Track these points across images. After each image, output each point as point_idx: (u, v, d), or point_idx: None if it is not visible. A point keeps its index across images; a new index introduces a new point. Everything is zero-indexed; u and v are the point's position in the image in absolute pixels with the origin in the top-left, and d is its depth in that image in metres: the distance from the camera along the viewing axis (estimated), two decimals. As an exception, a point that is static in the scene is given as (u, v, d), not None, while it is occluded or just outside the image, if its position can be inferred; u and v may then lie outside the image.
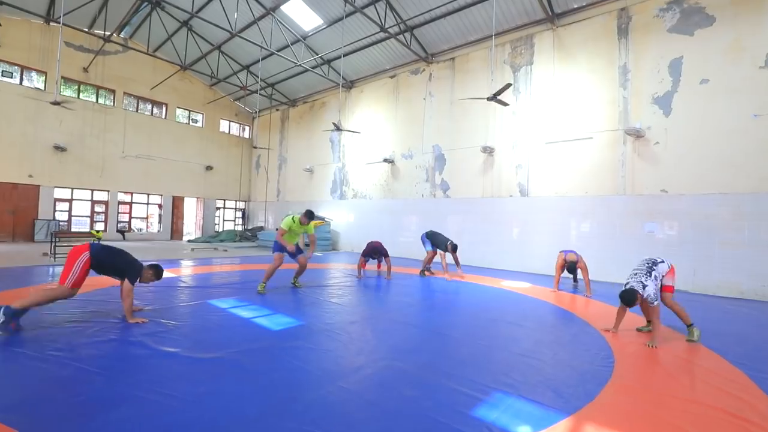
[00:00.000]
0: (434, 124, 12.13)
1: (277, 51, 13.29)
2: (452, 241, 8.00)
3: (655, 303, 3.72)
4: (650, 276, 3.85)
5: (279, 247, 5.75)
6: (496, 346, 3.55)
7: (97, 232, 9.40)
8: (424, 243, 8.35)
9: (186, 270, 7.76)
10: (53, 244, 8.98)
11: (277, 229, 5.92)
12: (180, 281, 6.33)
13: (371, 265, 8.64)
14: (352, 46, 12.81)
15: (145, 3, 13.41)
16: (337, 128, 11.50)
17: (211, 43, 14.96)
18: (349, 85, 14.99)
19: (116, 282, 4.11)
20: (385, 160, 13.23)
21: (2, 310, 3.22)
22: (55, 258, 8.78)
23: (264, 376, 2.66)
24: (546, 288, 7.03)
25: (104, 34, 12.86)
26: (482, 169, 10.85)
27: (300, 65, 13.24)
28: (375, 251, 7.93)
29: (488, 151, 10.54)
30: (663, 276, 3.96)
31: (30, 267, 7.51)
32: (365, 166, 14.29)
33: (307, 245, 6.25)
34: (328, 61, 14.00)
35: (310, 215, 5.78)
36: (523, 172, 10.00)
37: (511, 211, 9.95)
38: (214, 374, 2.67)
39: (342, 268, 8.96)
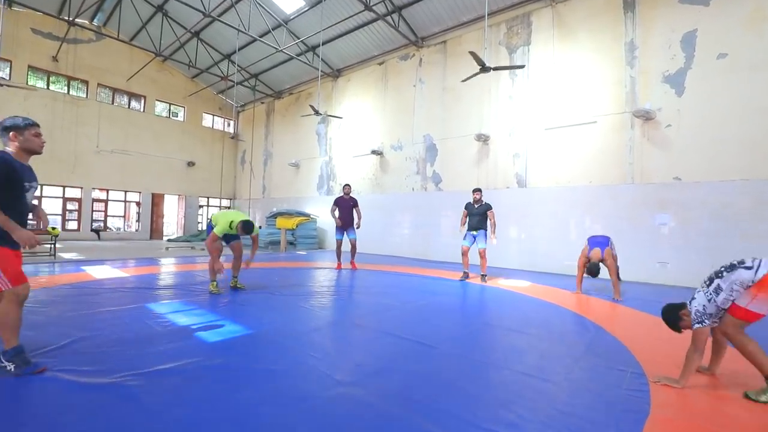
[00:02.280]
0: (425, 113, 11.33)
1: (258, 37, 12.44)
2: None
3: (697, 326, 2.37)
4: (710, 285, 2.41)
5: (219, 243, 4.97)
6: (493, 362, 2.74)
7: (53, 229, 8.49)
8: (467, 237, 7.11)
9: (145, 270, 6.90)
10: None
11: (211, 228, 4.99)
12: (128, 282, 5.48)
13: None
14: (337, 29, 11.99)
15: (116, -15, 12.52)
16: (316, 112, 10.67)
17: (188, 29, 14.05)
18: (336, 74, 14.15)
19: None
20: (374, 152, 12.42)
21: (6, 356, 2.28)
22: (3, 258, 7.87)
23: (156, 418, 1.83)
24: (547, 287, 6.24)
25: (69, 18, 11.93)
26: (477, 159, 10.06)
27: (282, 51, 12.40)
28: (346, 215, 7.61)
29: (483, 139, 9.75)
30: (741, 289, 2.27)
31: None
32: (353, 160, 13.47)
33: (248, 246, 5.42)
34: (313, 48, 13.16)
35: (247, 228, 4.81)
36: (521, 162, 9.21)
37: (508, 204, 9.15)
38: (86, 411, 1.84)
39: (324, 267, 8.13)
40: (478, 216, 6.81)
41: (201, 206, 18.99)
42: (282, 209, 14.78)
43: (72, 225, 14.90)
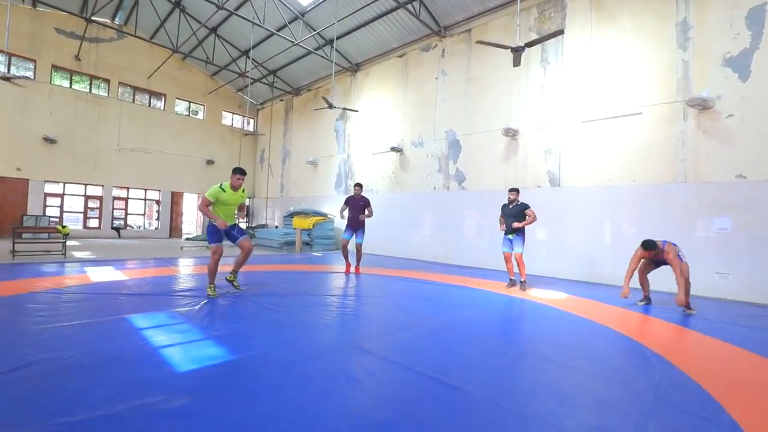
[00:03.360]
0: (448, 107, 10.61)
1: (275, 30, 12.04)
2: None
3: None
4: None
5: (215, 237, 4.64)
6: (535, 416, 2.07)
7: (63, 227, 8.32)
8: None
9: (147, 272, 6.53)
10: (14, 241, 7.94)
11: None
12: (124, 286, 5.08)
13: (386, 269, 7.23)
14: (355, 20, 11.44)
15: (134, -19, 12.41)
16: (330, 105, 10.15)
17: (205, 25, 13.83)
18: (354, 68, 13.61)
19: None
20: (393, 149, 11.80)
21: None
22: (13, 256, 7.73)
23: None
24: (588, 301, 5.46)
25: (87, 16, 11.87)
26: (504, 156, 9.27)
27: (299, 45, 11.95)
28: (355, 215, 7.07)
29: (511, 134, 8.96)
30: None
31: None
32: (371, 157, 12.89)
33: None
34: (330, 41, 12.65)
35: (240, 170, 4.72)
36: (554, 158, 8.38)
37: (539, 205, 8.22)
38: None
39: (335, 271, 7.58)
40: (512, 218, 6.10)
41: (220, 205, 18.85)
42: (299, 209, 14.38)
43: (93, 223, 15.00)
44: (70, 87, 14.45)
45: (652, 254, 4.96)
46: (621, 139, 7.46)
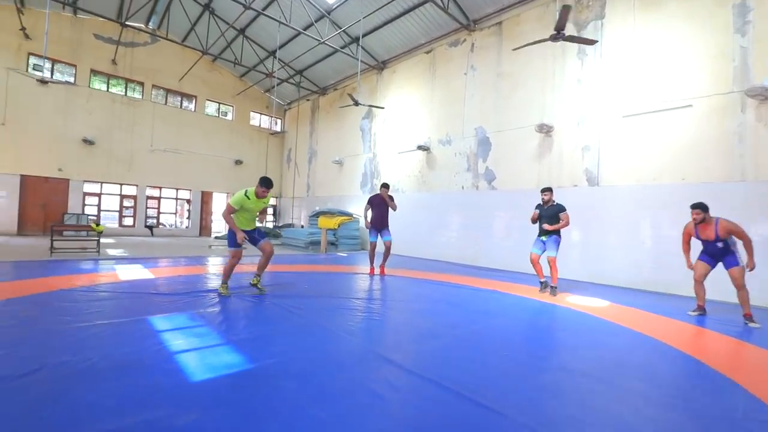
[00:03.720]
0: (477, 103, 10.22)
1: (301, 30, 12.01)
2: None
3: None
4: None
5: (236, 241, 4.60)
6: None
7: (97, 225, 8.58)
8: None
9: (175, 271, 6.57)
10: (52, 239, 8.23)
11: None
12: (149, 285, 5.08)
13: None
14: (381, 16, 11.24)
15: (166, -15, 12.72)
16: (356, 103, 9.98)
17: (234, 26, 14.03)
18: (381, 66, 13.41)
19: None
20: (420, 148, 11.51)
21: None
22: (51, 253, 8.01)
23: None
24: (633, 310, 5.01)
25: (122, 20, 12.25)
26: (537, 154, 8.81)
27: (325, 43, 11.86)
28: (380, 215, 6.95)
29: (545, 130, 8.49)
30: None
31: (26, 261, 6.65)
32: (398, 156, 12.65)
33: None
34: (356, 39, 12.50)
35: (267, 182, 4.62)
36: (592, 155, 7.87)
37: (575, 205, 7.76)
38: None
39: (360, 272, 7.40)
40: (547, 219, 5.72)
41: (248, 204, 19.14)
42: (324, 208, 14.35)
43: (128, 221, 15.53)
44: (107, 90, 15.02)
45: (700, 217, 4.54)
46: (668, 134, 6.89)
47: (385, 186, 7.10)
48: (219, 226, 19.61)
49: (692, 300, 5.64)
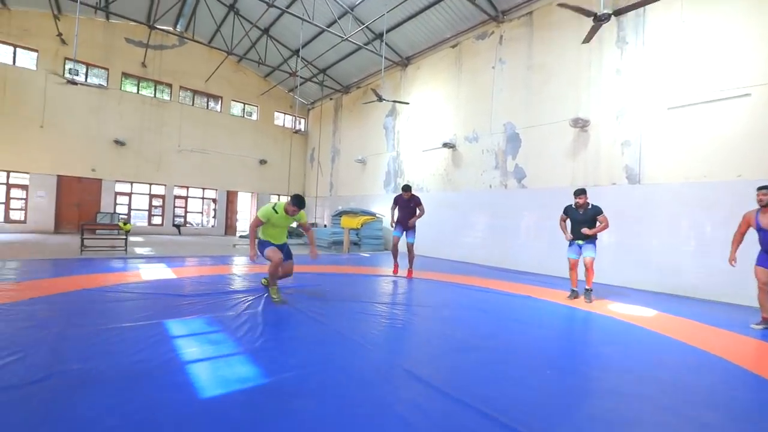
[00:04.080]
0: (505, 98, 9.77)
1: (324, 27, 11.88)
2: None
3: None
4: None
5: (265, 246, 4.42)
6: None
7: (125, 224, 8.71)
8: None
9: (197, 270, 6.52)
10: (82, 237, 8.40)
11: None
12: (170, 286, 5.00)
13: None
14: (406, 10, 10.94)
15: (192, -13, 12.88)
16: (379, 98, 9.72)
17: (258, 26, 14.08)
18: (405, 62, 13.11)
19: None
20: (445, 145, 11.15)
21: None
22: (81, 251, 8.17)
23: None
24: (686, 321, 4.53)
25: (151, 23, 12.48)
26: (571, 150, 8.30)
27: (348, 40, 11.66)
28: (406, 215, 6.71)
29: (581, 125, 7.98)
30: None
31: (56, 259, 6.78)
32: (422, 154, 12.33)
33: (305, 244, 4.81)
34: (380, 35, 12.25)
35: (299, 201, 4.22)
36: (633, 151, 7.31)
37: (614, 205, 7.24)
38: None
39: (383, 274, 7.14)
40: (584, 224, 5.28)
41: (272, 204, 19.27)
42: (347, 208, 14.19)
43: (156, 220, 15.89)
44: (137, 92, 15.39)
45: (766, 198, 4.02)
46: (721, 127, 6.28)
47: (406, 189, 6.75)
48: (244, 225, 19.86)
49: (749, 309, 5.12)
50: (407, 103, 11.45)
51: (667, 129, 6.88)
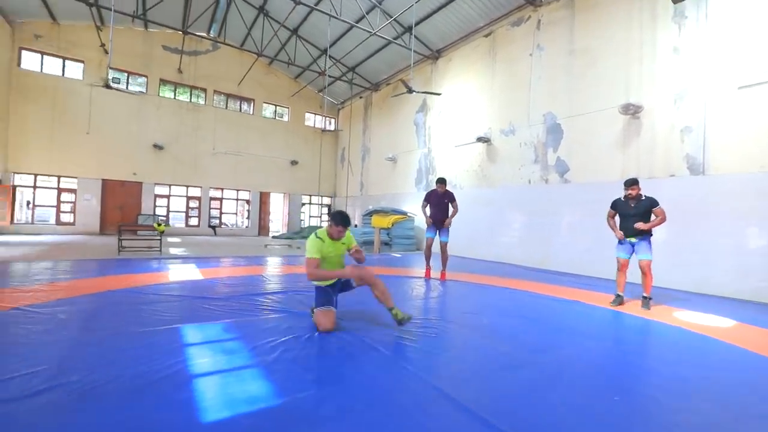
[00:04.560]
0: (545, 86, 9.10)
1: (353, 23, 11.65)
2: None
3: None
4: None
5: (323, 300, 3.36)
6: None
7: (159, 225, 8.85)
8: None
9: (226, 272, 6.43)
10: (119, 238, 8.60)
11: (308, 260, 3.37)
12: (196, 287, 4.87)
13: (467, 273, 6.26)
14: (435, 0, 10.50)
15: (223, -9, 13.06)
16: (410, 90, 9.34)
17: (286, 26, 14.09)
18: (435, 55, 12.64)
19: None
20: (479, 140, 10.59)
21: None
22: (119, 252, 8.36)
23: None
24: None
25: (185, 29, 12.74)
26: (621, 139, 7.55)
27: (376, 34, 11.36)
28: (438, 213, 6.28)
29: (632, 111, 7.22)
30: None
31: (94, 260, 6.94)
32: (454, 150, 11.81)
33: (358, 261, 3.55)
34: (409, 28, 11.86)
35: (342, 219, 3.32)
36: (695, 138, 6.50)
37: (672, 199, 6.43)
38: None
39: (415, 275, 6.76)
40: (637, 218, 4.67)
41: (303, 204, 19.38)
42: (378, 207, 13.91)
43: (193, 221, 16.32)
44: (174, 98, 15.87)
45: None
46: (807, 106, 5.41)
47: (441, 181, 6.37)
48: (276, 225, 20.10)
49: None
50: (439, 94, 10.96)
51: (738, 111, 6.04)
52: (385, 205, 14.11)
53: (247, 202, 17.69)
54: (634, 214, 4.73)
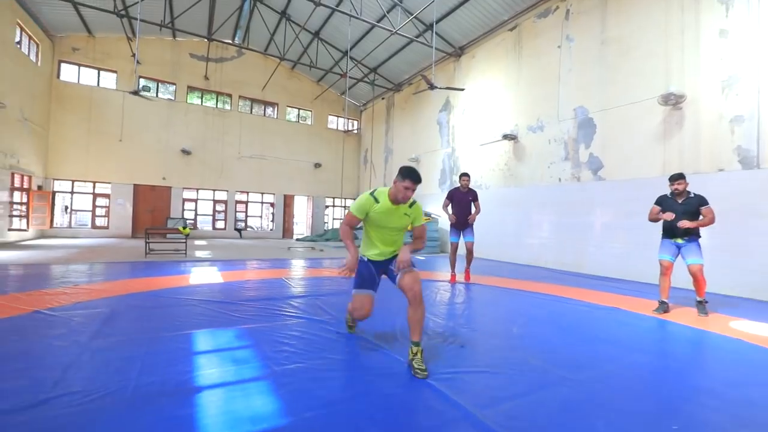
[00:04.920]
0: (575, 79, 8.63)
1: (374, 22, 11.51)
2: None
3: None
4: None
5: (361, 280, 2.86)
6: None
7: (184, 228, 8.96)
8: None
9: (247, 275, 6.37)
10: (146, 241, 8.77)
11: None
12: (213, 291, 4.80)
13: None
14: (459, -6, 10.22)
15: (246, -2, 13.24)
16: (432, 86, 9.07)
17: (308, 29, 14.14)
18: (458, 52, 12.32)
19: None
20: (506, 137, 10.18)
21: None
22: (146, 254, 8.52)
23: None
24: None
25: (210, 35, 12.99)
26: (661, 132, 7.01)
27: (397, 33, 11.17)
28: (461, 212, 5.99)
29: (673, 101, 6.68)
30: None
31: (121, 262, 7.08)
32: (479, 149, 11.44)
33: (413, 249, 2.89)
34: (430, 26, 11.61)
35: (410, 172, 2.56)
36: (749, 129, 5.91)
37: (720, 196, 5.86)
38: None
39: (439, 279, 6.48)
40: (685, 216, 4.24)
41: (327, 206, 19.40)
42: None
43: (220, 225, 16.62)
44: (201, 104, 16.24)
45: None
46: None
47: (466, 175, 6.10)
48: (301, 228, 20.21)
49: None
50: (462, 89, 10.59)
51: (798, 98, 5.45)
52: (408, 207, 13.85)
53: (272, 205, 17.87)
54: (682, 212, 4.30)
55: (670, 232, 4.41)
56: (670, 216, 4.30)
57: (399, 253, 2.70)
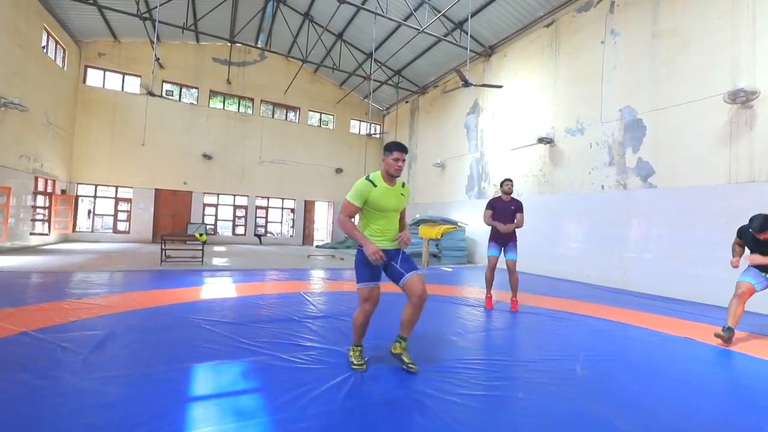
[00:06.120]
0: (621, 77, 7.87)
1: (401, 20, 11.04)
2: None
3: None
4: None
5: (367, 271, 2.65)
6: None
7: (201, 235, 8.65)
8: None
9: (262, 288, 5.92)
10: (162, 248, 8.48)
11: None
12: (223, 309, 4.33)
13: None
14: (491, -11, 9.63)
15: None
16: (466, 83, 8.49)
17: (331, 31, 13.82)
18: (488, 51, 11.70)
19: None
20: (541, 141, 9.46)
21: None
22: (161, 262, 8.21)
23: None
24: None
25: (232, 38, 12.81)
26: (726, 134, 6.18)
27: (425, 32, 10.64)
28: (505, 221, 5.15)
29: (741, 98, 5.87)
30: None
31: (134, 271, 6.76)
32: (511, 153, 10.74)
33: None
34: (459, 24, 11.05)
35: (397, 144, 2.75)
36: (840, 128, 5.06)
37: (806, 206, 5.07)
38: None
39: (470, 298, 5.85)
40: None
41: (347, 213, 18.93)
42: (425, 216, 13.07)
43: (240, 230, 16.40)
44: (223, 108, 16.15)
45: None
46: None
47: (509, 181, 5.17)
48: (321, 234, 19.84)
49: None
50: (500, 87, 9.81)
51: None
52: (433, 214, 13.24)
53: (292, 210, 17.57)
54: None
55: (759, 267, 3.71)
56: (735, 263, 3.86)
57: (402, 232, 2.80)
